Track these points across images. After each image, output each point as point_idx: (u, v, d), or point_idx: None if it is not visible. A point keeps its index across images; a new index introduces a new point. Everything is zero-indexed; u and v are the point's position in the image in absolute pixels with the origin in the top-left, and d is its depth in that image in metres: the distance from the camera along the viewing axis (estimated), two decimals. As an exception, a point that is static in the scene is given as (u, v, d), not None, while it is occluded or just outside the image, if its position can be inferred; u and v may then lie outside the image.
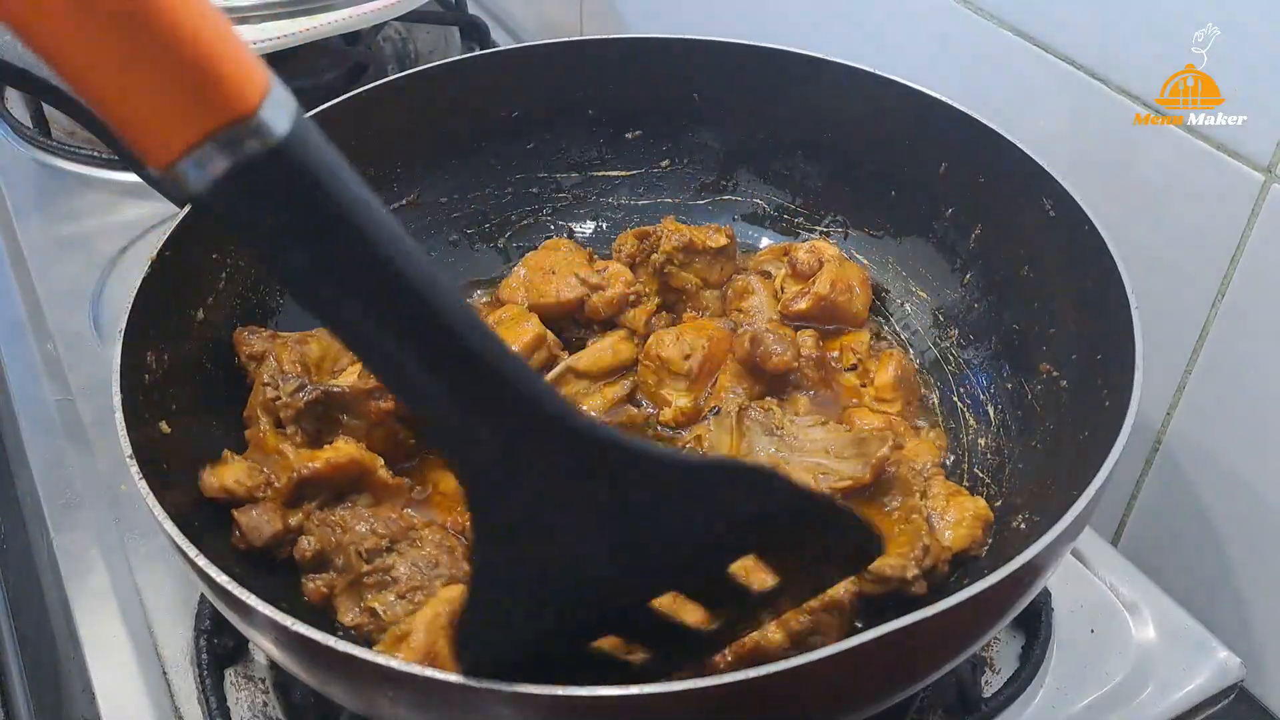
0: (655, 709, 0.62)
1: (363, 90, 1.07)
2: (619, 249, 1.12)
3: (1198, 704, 0.91)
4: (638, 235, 1.12)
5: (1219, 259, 0.97)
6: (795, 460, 0.89)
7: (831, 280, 1.05)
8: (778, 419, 0.92)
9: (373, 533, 0.82)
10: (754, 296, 1.08)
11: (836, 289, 1.05)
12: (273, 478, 0.85)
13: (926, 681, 0.77)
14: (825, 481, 0.87)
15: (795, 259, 1.08)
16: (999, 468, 0.96)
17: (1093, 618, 0.96)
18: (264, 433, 0.89)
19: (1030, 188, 0.97)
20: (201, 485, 0.84)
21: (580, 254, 1.11)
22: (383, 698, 0.67)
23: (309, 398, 0.88)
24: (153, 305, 0.87)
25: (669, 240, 1.09)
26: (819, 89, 1.12)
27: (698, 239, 1.09)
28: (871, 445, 0.88)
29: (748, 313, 1.07)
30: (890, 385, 1.00)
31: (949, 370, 1.06)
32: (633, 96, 1.17)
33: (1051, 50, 1.04)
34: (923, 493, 0.87)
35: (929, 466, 0.91)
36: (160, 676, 0.91)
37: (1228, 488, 1.04)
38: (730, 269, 1.12)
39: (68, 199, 1.41)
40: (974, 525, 0.85)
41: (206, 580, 0.70)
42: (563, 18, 1.76)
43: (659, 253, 1.09)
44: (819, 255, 1.08)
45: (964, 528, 0.85)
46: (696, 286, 1.10)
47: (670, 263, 1.09)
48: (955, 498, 0.87)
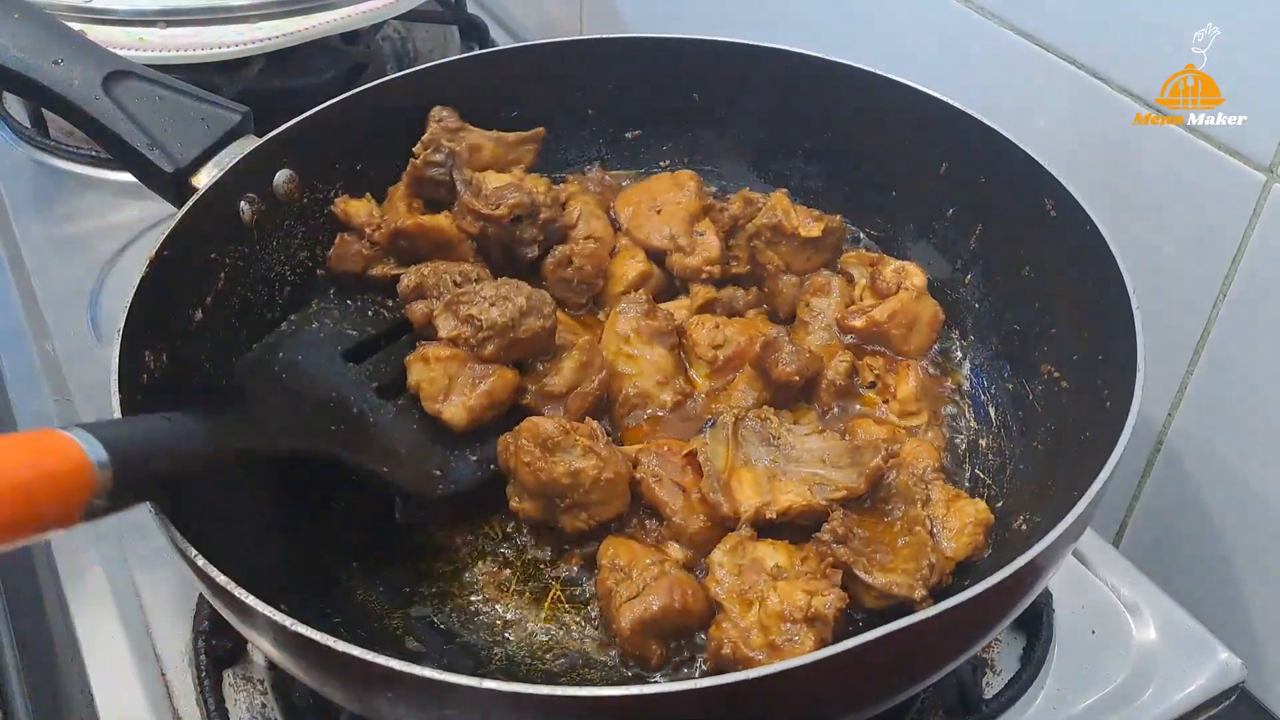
0: (655, 709, 0.62)
1: (361, 90, 1.07)
2: (732, 202, 1.11)
3: (1199, 705, 0.91)
4: (746, 199, 1.10)
5: (1220, 259, 0.97)
6: (792, 471, 0.89)
7: (893, 312, 1.02)
8: (774, 428, 0.91)
9: (460, 266, 1.01)
10: (826, 298, 1.06)
11: (894, 321, 1.02)
12: (382, 224, 1.03)
13: (927, 682, 0.77)
14: (821, 493, 0.86)
15: (879, 274, 1.05)
16: (1000, 468, 0.96)
17: (1094, 619, 0.96)
18: (398, 191, 1.08)
19: (1031, 188, 0.96)
20: (332, 206, 1.06)
21: (694, 204, 1.11)
22: (382, 698, 0.67)
23: (434, 173, 1.06)
24: (151, 305, 0.87)
25: (761, 216, 1.08)
26: (819, 89, 1.12)
27: (788, 223, 1.07)
28: (866, 454, 0.88)
29: (813, 310, 1.06)
30: (913, 397, 0.98)
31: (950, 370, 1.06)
32: (633, 96, 1.17)
33: (1052, 50, 1.04)
34: (924, 500, 0.87)
35: (928, 471, 0.90)
36: (158, 677, 0.91)
37: (1229, 489, 1.04)
38: (820, 260, 1.09)
39: (66, 199, 1.41)
40: (975, 531, 0.85)
41: (206, 580, 0.70)
42: (562, 17, 1.76)
43: (751, 224, 1.08)
44: (900, 280, 1.04)
45: (965, 535, 0.84)
46: (776, 269, 1.09)
47: (757, 238, 1.08)
48: (955, 503, 0.86)
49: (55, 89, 0.94)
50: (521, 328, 0.94)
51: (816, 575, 0.81)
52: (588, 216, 1.10)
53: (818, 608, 0.78)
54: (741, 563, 0.84)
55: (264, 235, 1.02)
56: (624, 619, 0.82)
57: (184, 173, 0.95)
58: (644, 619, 0.82)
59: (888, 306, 1.02)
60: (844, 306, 1.06)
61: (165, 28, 1.37)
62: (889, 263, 1.06)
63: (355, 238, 1.05)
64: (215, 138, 0.96)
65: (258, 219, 1.00)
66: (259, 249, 1.02)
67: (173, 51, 1.35)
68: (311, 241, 1.07)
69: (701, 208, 1.12)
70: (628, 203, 1.14)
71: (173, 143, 0.95)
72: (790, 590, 0.80)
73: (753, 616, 0.80)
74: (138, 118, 0.95)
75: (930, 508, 0.86)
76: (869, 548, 0.84)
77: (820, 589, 0.79)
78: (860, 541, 0.84)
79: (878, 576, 0.81)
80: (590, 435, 0.88)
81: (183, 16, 1.38)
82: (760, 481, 0.88)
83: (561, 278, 1.08)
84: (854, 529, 0.84)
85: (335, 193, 1.08)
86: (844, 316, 1.04)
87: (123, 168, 0.98)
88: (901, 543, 0.84)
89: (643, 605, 0.82)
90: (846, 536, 0.83)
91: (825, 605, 0.78)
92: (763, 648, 0.78)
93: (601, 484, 0.87)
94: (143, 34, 1.37)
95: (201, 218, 0.94)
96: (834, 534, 0.83)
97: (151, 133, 0.95)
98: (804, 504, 0.86)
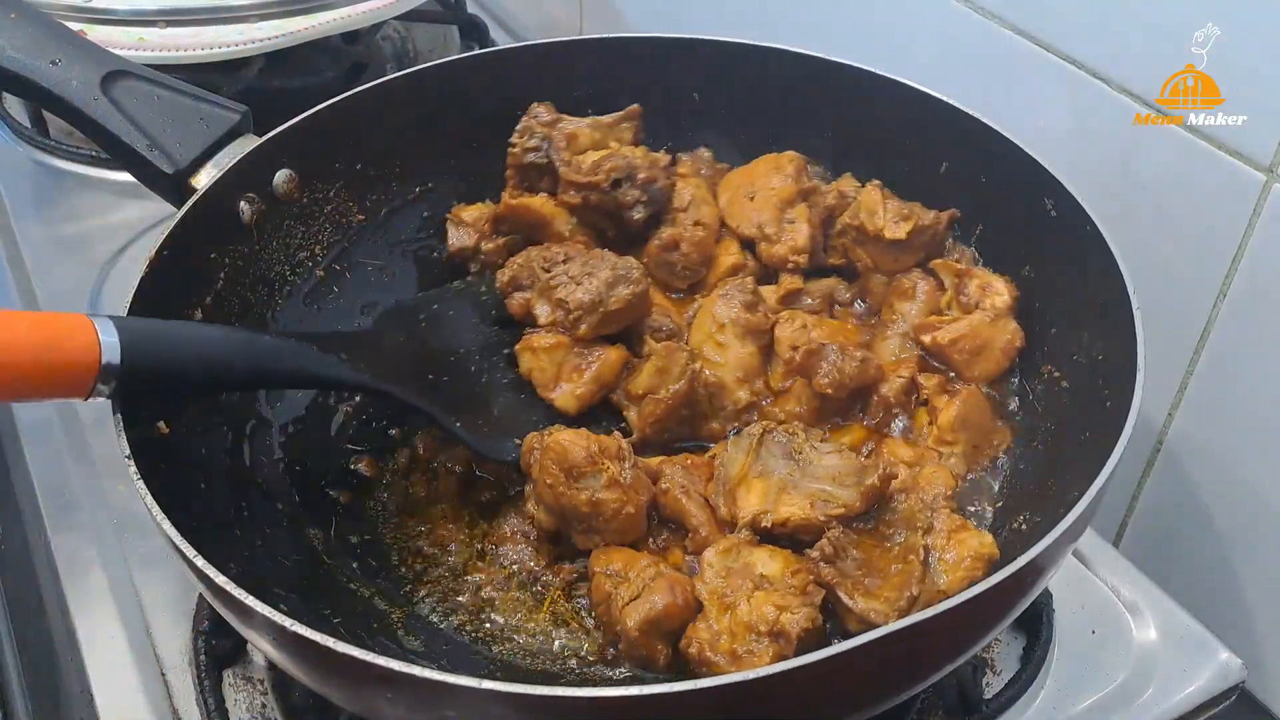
0: (655, 709, 0.62)
1: (361, 89, 1.07)
2: (828, 192, 1.08)
3: (1199, 705, 0.91)
4: (840, 191, 1.07)
5: (1220, 259, 0.97)
6: (803, 485, 0.88)
7: (959, 336, 0.98)
8: (799, 443, 0.91)
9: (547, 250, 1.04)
10: (910, 302, 1.03)
11: (956, 346, 0.98)
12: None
13: (927, 683, 0.77)
14: (823, 509, 0.86)
15: (963, 287, 1.01)
16: (1001, 468, 0.96)
17: (1094, 619, 0.96)
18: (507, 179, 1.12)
19: (1031, 187, 0.96)
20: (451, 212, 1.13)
21: (789, 189, 1.07)
22: (382, 698, 0.67)
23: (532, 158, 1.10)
24: (151, 305, 0.86)
25: (846, 213, 1.05)
26: (819, 88, 1.11)
27: (870, 225, 1.02)
28: (868, 474, 0.88)
29: (895, 313, 1.03)
30: (951, 425, 0.94)
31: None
32: (633, 96, 1.17)
33: (1052, 50, 1.04)
34: (926, 528, 0.85)
35: (938, 498, 0.88)
36: (158, 677, 0.91)
37: (1230, 488, 1.04)
38: (911, 260, 1.05)
39: (66, 199, 1.41)
40: (973, 566, 0.81)
41: (205, 581, 0.70)
42: (562, 17, 1.76)
43: (839, 220, 1.06)
44: (981, 299, 0.99)
45: (962, 570, 0.81)
46: (866, 267, 1.06)
47: (844, 235, 1.06)
48: (958, 534, 0.83)
49: (54, 89, 0.94)
50: (611, 299, 0.95)
51: (798, 591, 0.81)
52: (699, 202, 1.09)
53: (783, 623, 0.78)
54: (731, 565, 0.84)
55: (264, 235, 1.02)
56: (630, 620, 0.81)
57: (183, 173, 0.95)
58: (650, 618, 0.81)
59: (955, 329, 0.98)
60: (927, 313, 1.02)
61: (165, 28, 1.37)
62: (975, 276, 1.01)
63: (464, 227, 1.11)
64: (215, 137, 0.96)
65: (257, 219, 1.00)
66: (259, 249, 1.01)
67: (172, 51, 1.35)
68: (311, 241, 1.07)
69: (798, 192, 1.08)
70: (728, 187, 1.13)
71: (172, 143, 0.95)
72: (763, 602, 0.79)
73: (726, 621, 0.80)
74: (137, 118, 0.95)
75: (931, 536, 0.84)
76: (860, 570, 0.84)
77: (793, 605, 0.79)
78: (853, 563, 0.84)
79: (858, 601, 0.81)
80: (618, 456, 0.87)
81: (182, 16, 1.38)
82: (769, 492, 0.88)
83: (666, 261, 1.07)
84: (848, 549, 0.84)
85: (335, 192, 1.08)
86: (920, 327, 1.00)
87: (122, 168, 0.98)
88: (894, 569, 0.83)
89: (646, 605, 0.82)
90: (836, 556, 0.83)
91: (791, 623, 0.78)
92: (726, 654, 0.78)
93: (621, 517, 0.87)
94: (142, 34, 1.37)
95: (201, 218, 0.94)
96: (823, 552, 0.83)
97: (151, 133, 0.95)
98: (802, 517, 0.86)
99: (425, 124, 1.13)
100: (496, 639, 0.88)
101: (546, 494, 0.88)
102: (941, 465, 0.93)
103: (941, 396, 0.96)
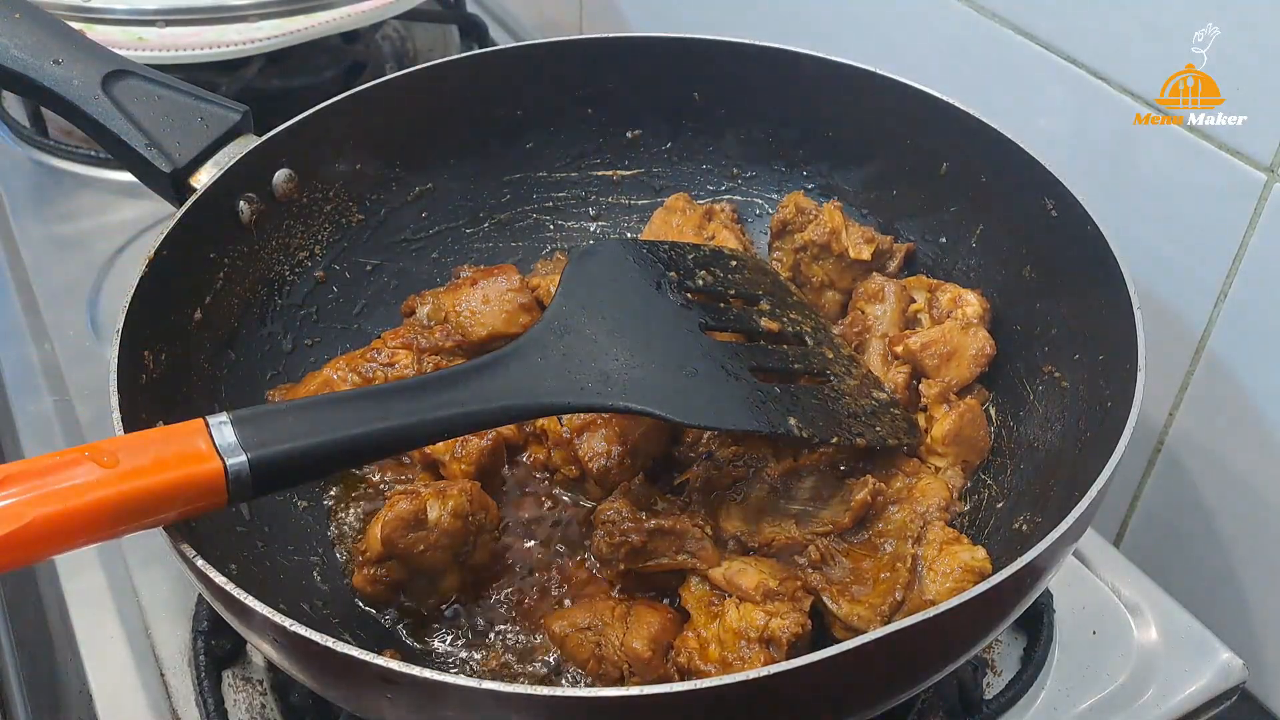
0: (655, 709, 0.62)
1: (361, 89, 1.07)
2: (783, 206, 1.10)
3: (1200, 705, 0.91)
4: (798, 207, 1.08)
5: (1221, 259, 0.97)
6: (782, 506, 0.89)
7: (930, 340, 0.99)
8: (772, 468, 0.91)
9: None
10: (881, 304, 1.03)
11: (928, 350, 0.98)
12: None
13: (928, 683, 0.77)
14: (807, 528, 0.86)
15: (937, 299, 1.02)
16: (1000, 469, 0.96)
17: (1095, 619, 0.96)
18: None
19: (1032, 187, 0.96)
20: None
21: (694, 217, 1.12)
22: (382, 698, 0.67)
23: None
24: (150, 305, 0.86)
25: (810, 230, 1.06)
26: (820, 88, 1.11)
27: (837, 244, 1.05)
28: (855, 490, 0.88)
29: (868, 317, 1.04)
30: (944, 439, 0.94)
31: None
32: (633, 96, 1.17)
33: (1052, 50, 1.04)
34: (916, 538, 0.85)
35: (932, 510, 0.88)
36: (158, 678, 0.91)
37: (1230, 489, 1.04)
38: (860, 274, 1.07)
39: (65, 199, 1.41)
40: (962, 579, 0.81)
41: (205, 581, 0.70)
42: (562, 16, 1.76)
43: (799, 235, 1.07)
44: (952, 310, 1.01)
45: (952, 581, 0.81)
46: (821, 284, 1.08)
47: (804, 251, 1.07)
48: (949, 547, 0.83)
49: (55, 88, 0.94)
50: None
51: (786, 597, 0.81)
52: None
53: (774, 630, 0.78)
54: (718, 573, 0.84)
55: (263, 235, 1.02)
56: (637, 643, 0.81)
57: (183, 172, 0.95)
58: (657, 638, 0.81)
59: (927, 334, 0.99)
60: (899, 313, 1.03)
61: (165, 27, 1.37)
62: (947, 289, 1.03)
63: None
64: (214, 137, 0.96)
65: (257, 218, 1.00)
66: (258, 249, 1.01)
67: (172, 51, 1.36)
68: (311, 241, 1.07)
69: (702, 214, 1.12)
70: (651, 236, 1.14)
71: (172, 142, 0.95)
72: (752, 609, 0.80)
73: (714, 629, 0.80)
74: (137, 117, 0.95)
75: (922, 547, 0.84)
76: (847, 578, 0.84)
77: (781, 611, 0.79)
78: (841, 570, 0.84)
79: (843, 606, 0.81)
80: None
81: (182, 16, 1.38)
82: (748, 516, 0.89)
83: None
84: (836, 556, 0.84)
85: (334, 192, 1.08)
86: (894, 340, 1.01)
87: (122, 167, 0.98)
88: (883, 577, 0.83)
89: (645, 630, 0.82)
90: (823, 562, 0.83)
91: (781, 629, 0.78)
92: (716, 662, 0.79)
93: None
94: (142, 34, 1.37)
95: (201, 217, 0.94)
96: (809, 558, 0.83)
97: (150, 132, 0.95)
98: (786, 538, 0.86)
99: (425, 124, 1.13)
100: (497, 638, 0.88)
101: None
102: (939, 477, 0.93)
103: (940, 406, 0.96)
